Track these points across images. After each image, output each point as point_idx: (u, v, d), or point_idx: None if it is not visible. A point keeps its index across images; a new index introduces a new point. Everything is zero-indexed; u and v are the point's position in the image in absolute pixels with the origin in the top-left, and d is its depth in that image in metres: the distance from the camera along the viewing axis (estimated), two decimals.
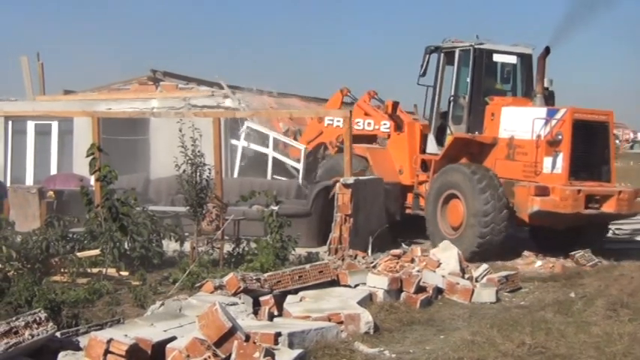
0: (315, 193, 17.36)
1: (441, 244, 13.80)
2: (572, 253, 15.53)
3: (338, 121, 19.33)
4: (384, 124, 18.89)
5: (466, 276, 12.79)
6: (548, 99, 16.83)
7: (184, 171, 13.77)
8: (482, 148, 16.91)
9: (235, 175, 19.91)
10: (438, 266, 12.80)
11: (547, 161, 15.70)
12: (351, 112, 17.24)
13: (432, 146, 18.07)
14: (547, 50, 16.52)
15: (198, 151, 13.76)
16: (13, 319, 7.31)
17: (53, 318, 8.34)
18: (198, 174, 13.79)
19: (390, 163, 18.62)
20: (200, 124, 14.34)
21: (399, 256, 13.25)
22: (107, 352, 7.22)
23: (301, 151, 19.11)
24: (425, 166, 18.06)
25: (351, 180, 14.96)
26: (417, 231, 17.41)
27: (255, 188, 14.99)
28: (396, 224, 17.47)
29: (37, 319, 7.39)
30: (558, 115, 15.75)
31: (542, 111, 16.08)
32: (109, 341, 7.26)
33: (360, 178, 15.85)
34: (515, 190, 15.73)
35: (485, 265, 13.48)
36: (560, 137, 15.56)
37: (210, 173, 14.05)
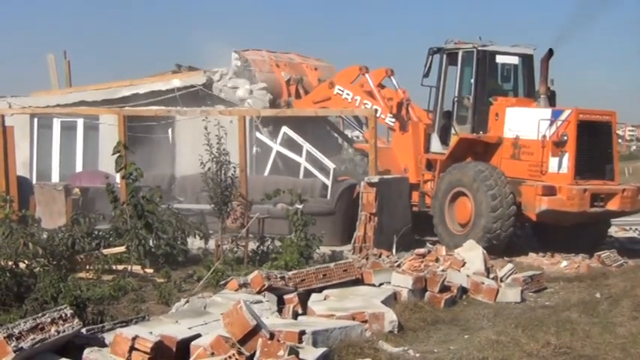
0: (340, 192, 17.35)
1: (465, 244, 13.76)
2: (598, 253, 15.49)
3: (348, 94, 19.51)
4: (390, 117, 18.99)
5: (491, 275, 12.74)
6: (550, 98, 17.05)
7: (209, 169, 13.82)
8: (487, 148, 17.20)
9: (266, 174, 19.97)
10: (463, 265, 12.76)
11: (553, 161, 16.00)
12: (376, 110, 17.27)
13: (435, 145, 18.29)
14: (550, 52, 16.79)
15: (223, 149, 13.80)
16: (39, 315, 7.36)
17: (79, 314, 8.40)
18: (223, 172, 13.83)
19: (394, 161, 18.81)
20: (225, 122, 14.38)
21: (423, 255, 13.23)
22: (132, 348, 7.26)
23: (330, 169, 19.05)
24: (430, 165, 18.27)
25: (375, 179, 14.96)
26: (423, 229, 17.55)
27: (279, 187, 15.00)
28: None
29: (63, 315, 7.43)
30: (563, 116, 16.02)
31: (547, 112, 16.35)
32: (134, 338, 7.29)
33: (385, 177, 15.84)
34: (522, 190, 16.02)
35: (510, 265, 13.44)
36: (565, 138, 15.86)
37: (235, 171, 14.08)
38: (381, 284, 11.34)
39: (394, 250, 15.01)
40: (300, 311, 10.04)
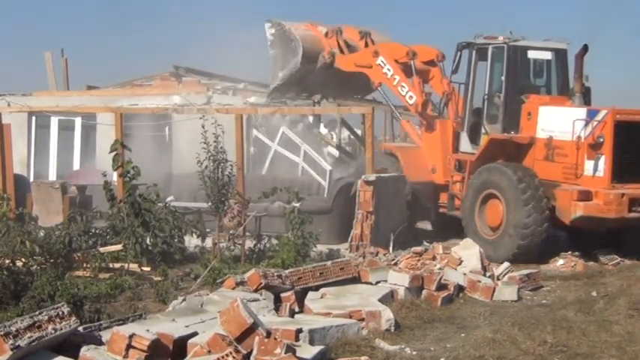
0: (337, 190, 17.35)
1: (462, 242, 13.75)
2: (595, 251, 15.42)
3: (389, 69, 18.45)
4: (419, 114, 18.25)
5: (487, 274, 12.77)
6: (585, 95, 16.29)
7: (206, 167, 13.83)
8: (520, 149, 16.40)
9: (264, 172, 19.96)
10: (460, 264, 12.77)
11: (588, 164, 15.14)
12: (373, 108, 17.05)
13: (465, 145, 17.51)
14: (585, 48, 16.02)
15: (221, 148, 13.81)
16: (37, 313, 7.37)
17: (76, 312, 8.43)
18: (220, 170, 13.84)
19: (422, 161, 18.05)
20: (222, 121, 14.38)
21: (420, 254, 13.24)
22: (129, 346, 7.27)
23: (327, 171, 18.89)
24: (459, 165, 17.58)
25: (372, 177, 14.96)
26: (452, 231, 17.04)
27: (277, 185, 15.00)
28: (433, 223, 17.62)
29: (60, 313, 7.44)
30: (599, 117, 15.12)
31: (583, 112, 15.48)
32: (132, 336, 7.31)
33: (382, 175, 15.82)
34: (557, 194, 15.28)
35: (506, 263, 13.45)
36: (601, 140, 14.98)
37: (232, 169, 14.10)
38: (377, 282, 11.36)
39: (391, 249, 15.00)
40: (297, 309, 10.06)
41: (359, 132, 24.56)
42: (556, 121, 15.79)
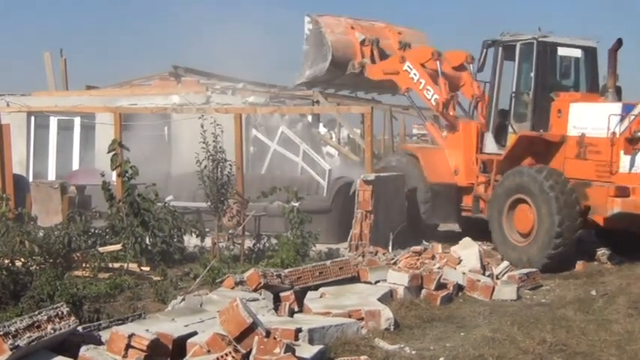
0: (336, 190, 17.35)
1: (461, 241, 13.74)
2: (594, 250, 15.35)
3: (415, 74, 18.09)
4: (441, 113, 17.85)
5: (487, 273, 12.78)
6: (617, 93, 15.79)
7: (205, 167, 13.84)
8: (549, 147, 15.85)
9: (263, 171, 19.97)
10: (459, 263, 12.79)
11: (624, 160, 14.62)
12: (372, 107, 16.99)
13: (490, 145, 16.96)
14: (619, 42, 15.60)
15: (220, 147, 13.82)
16: (36, 313, 7.37)
17: (75, 312, 8.43)
18: (219, 170, 13.85)
19: (444, 162, 17.60)
20: (221, 120, 14.39)
21: (419, 253, 13.26)
22: (129, 346, 7.28)
23: (326, 171, 18.81)
24: (484, 167, 17.06)
25: (371, 176, 14.96)
26: (477, 233, 16.07)
27: (276, 184, 14.99)
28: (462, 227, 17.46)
29: (59, 313, 7.44)
30: (636, 111, 14.64)
31: (618, 107, 14.94)
32: (131, 336, 7.31)
33: (381, 174, 15.82)
34: (590, 192, 14.76)
35: (505, 263, 13.46)
36: (639, 134, 14.52)
37: (231, 169, 14.10)
38: (377, 282, 11.36)
39: (390, 248, 14.98)
40: (296, 309, 10.06)
41: (358, 131, 24.57)
42: (589, 118, 15.31)
